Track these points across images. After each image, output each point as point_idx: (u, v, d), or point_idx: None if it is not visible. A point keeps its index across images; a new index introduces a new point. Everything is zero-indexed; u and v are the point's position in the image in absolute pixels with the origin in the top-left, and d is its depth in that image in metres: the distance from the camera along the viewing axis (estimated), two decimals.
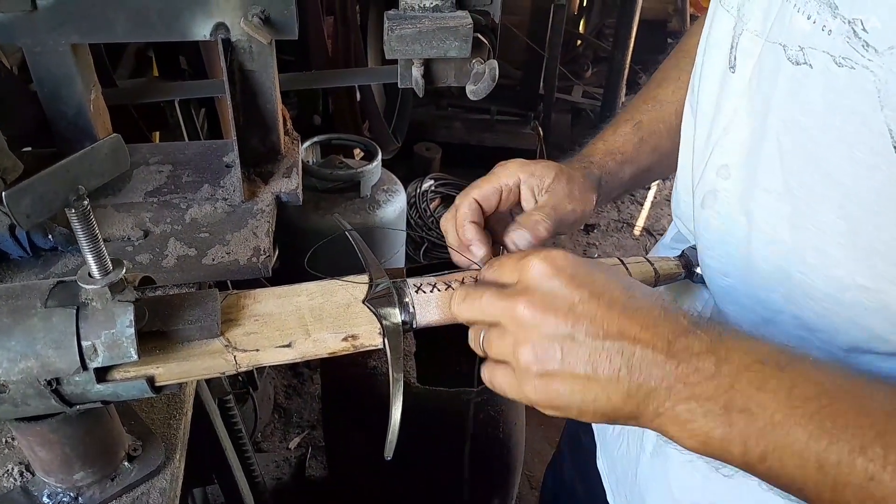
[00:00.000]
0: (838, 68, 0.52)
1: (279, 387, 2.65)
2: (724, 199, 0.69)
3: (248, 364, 0.65)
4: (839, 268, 0.59)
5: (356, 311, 0.68)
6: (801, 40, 0.56)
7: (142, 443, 0.82)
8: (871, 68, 0.50)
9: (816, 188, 0.58)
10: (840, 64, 0.52)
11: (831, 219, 0.58)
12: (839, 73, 0.52)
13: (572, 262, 0.56)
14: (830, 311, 0.62)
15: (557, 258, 0.56)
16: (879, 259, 0.56)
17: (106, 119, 1.32)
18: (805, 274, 0.62)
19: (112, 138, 0.60)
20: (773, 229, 0.63)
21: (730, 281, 0.72)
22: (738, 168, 0.66)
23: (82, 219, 0.58)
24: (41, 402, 0.62)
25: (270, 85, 1.22)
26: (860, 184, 0.54)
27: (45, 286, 0.62)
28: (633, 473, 0.90)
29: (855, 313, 0.60)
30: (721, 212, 0.69)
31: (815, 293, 0.62)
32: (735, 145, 0.66)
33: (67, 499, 0.76)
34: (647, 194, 3.96)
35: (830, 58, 0.53)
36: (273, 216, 1.21)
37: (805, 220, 0.60)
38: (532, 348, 0.53)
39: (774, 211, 0.63)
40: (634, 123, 0.91)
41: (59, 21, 1.11)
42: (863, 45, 0.50)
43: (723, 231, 0.70)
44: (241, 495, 1.53)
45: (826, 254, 0.59)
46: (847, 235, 0.57)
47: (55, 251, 1.09)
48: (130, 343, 0.59)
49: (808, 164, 0.58)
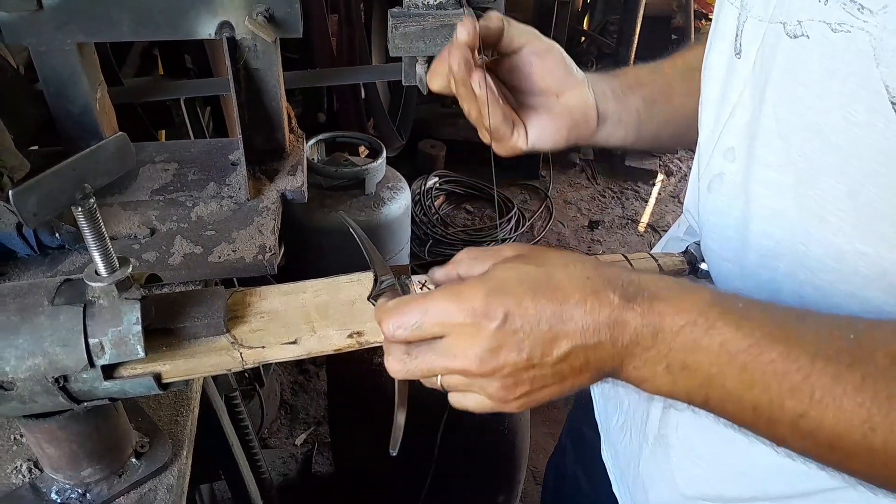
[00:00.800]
0: (834, 34, 0.53)
1: (285, 383, 2.66)
2: (729, 181, 0.69)
3: (254, 361, 0.65)
4: (839, 234, 0.59)
5: (361, 308, 0.69)
6: (799, 14, 0.57)
7: (149, 439, 0.82)
8: (867, 29, 0.51)
9: (816, 155, 0.59)
10: (836, 30, 0.53)
11: (831, 184, 0.58)
12: (835, 38, 0.53)
13: (485, 296, 0.55)
14: (830, 284, 0.62)
15: (470, 296, 0.55)
16: (881, 221, 0.56)
17: (112, 118, 1.32)
18: (806, 245, 0.62)
19: (118, 137, 0.60)
20: (775, 203, 0.64)
21: (729, 265, 0.72)
22: (741, 149, 0.67)
23: (89, 217, 0.58)
24: (49, 400, 0.62)
25: (275, 83, 1.22)
26: (859, 145, 0.55)
27: (53, 284, 0.63)
28: (636, 465, 0.90)
29: (854, 285, 0.60)
30: (725, 194, 0.70)
31: (814, 264, 0.62)
32: (739, 128, 0.67)
33: (76, 495, 0.77)
34: (652, 191, 3.96)
35: (827, 26, 0.54)
36: (278, 214, 1.21)
37: (807, 189, 0.60)
38: (501, 389, 0.57)
39: (777, 184, 0.63)
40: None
41: (65, 20, 1.12)
42: (858, 9, 0.51)
43: (724, 213, 0.71)
44: (247, 491, 1.54)
45: (826, 221, 0.60)
46: (847, 200, 0.58)
47: (62, 249, 1.09)
48: (137, 340, 0.60)
49: (806, 132, 0.59)
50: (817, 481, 0.69)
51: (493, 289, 0.55)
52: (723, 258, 0.73)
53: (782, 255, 0.65)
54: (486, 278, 0.56)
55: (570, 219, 3.79)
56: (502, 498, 1.89)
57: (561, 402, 2.58)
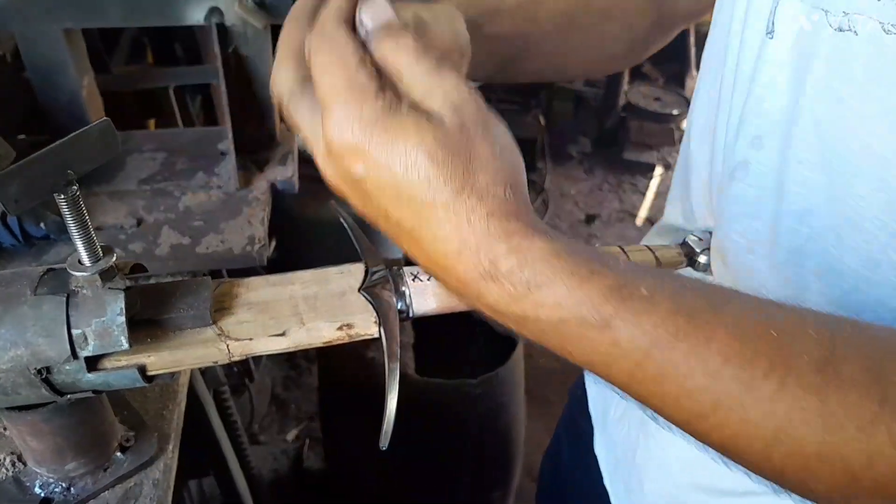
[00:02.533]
0: (886, 35, 0.50)
1: (276, 378, 2.64)
2: (756, 170, 0.66)
3: (241, 353, 0.64)
4: (873, 243, 0.57)
5: (351, 300, 0.67)
6: (846, 5, 0.53)
7: (135, 433, 0.81)
8: None
9: (854, 160, 0.56)
10: (888, 31, 0.50)
11: (869, 191, 0.55)
12: (887, 40, 0.50)
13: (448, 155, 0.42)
14: (859, 289, 0.59)
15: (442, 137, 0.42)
16: None
17: (100, 106, 1.31)
18: (837, 247, 0.60)
19: (101, 122, 0.59)
20: (807, 201, 0.61)
21: (753, 257, 0.69)
22: (771, 138, 0.64)
23: (72, 204, 0.57)
24: (32, 392, 0.61)
25: (266, 71, 1.21)
26: None
27: (35, 273, 0.61)
28: (633, 456, 0.90)
29: (884, 292, 0.58)
30: (753, 184, 0.66)
31: (845, 268, 0.60)
32: (770, 115, 0.63)
33: (60, 489, 0.75)
34: (650, 184, 3.95)
35: (879, 24, 0.50)
36: (268, 204, 1.20)
37: (841, 192, 0.58)
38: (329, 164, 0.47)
39: (809, 183, 0.60)
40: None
41: (52, 6, 1.10)
42: None
43: (753, 203, 0.67)
44: (236, 487, 1.53)
45: (860, 227, 0.57)
46: (885, 209, 0.55)
47: (48, 239, 1.08)
48: (121, 331, 0.58)
49: (846, 134, 0.56)
50: None
51: (390, 160, 0.42)
52: (749, 251, 0.69)
53: (811, 255, 0.62)
54: (404, 135, 0.42)
55: (566, 212, 3.78)
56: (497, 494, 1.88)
57: (557, 398, 2.58)
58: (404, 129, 0.42)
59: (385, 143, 0.42)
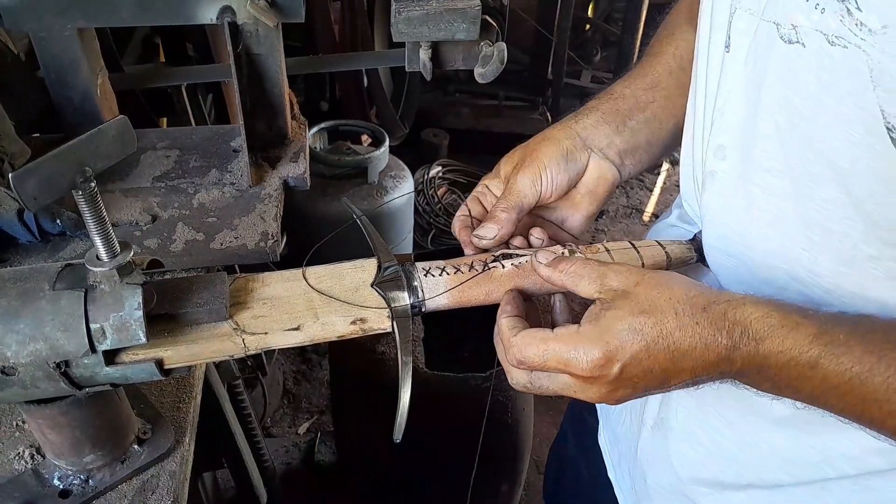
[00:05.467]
0: (831, 47, 0.52)
1: (288, 372, 2.66)
2: (721, 179, 0.68)
3: (256, 347, 0.65)
4: (845, 240, 0.59)
5: (365, 295, 0.68)
6: (794, 18, 0.55)
7: (151, 426, 0.82)
8: (864, 48, 0.49)
9: (814, 168, 0.58)
10: (833, 43, 0.52)
11: (834, 195, 0.57)
12: (832, 52, 0.52)
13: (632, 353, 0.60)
14: (838, 286, 0.61)
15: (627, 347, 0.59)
16: (890, 232, 0.56)
17: (113, 104, 1.32)
18: (808, 250, 0.62)
19: (118, 120, 0.59)
20: (775, 208, 0.63)
21: (733, 261, 0.71)
22: (734, 148, 0.66)
23: (89, 200, 0.58)
24: (50, 385, 0.62)
25: (277, 69, 1.21)
26: (858, 165, 0.54)
27: (54, 269, 0.62)
28: (634, 449, 0.90)
29: (863, 285, 0.60)
30: (720, 192, 0.69)
31: (821, 269, 0.62)
32: (730, 126, 0.66)
33: (78, 481, 0.77)
34: (657, 180, 3.94)
35: (823, 36, 0.52)
36: (281, 201, 1.20)
37: (808, 197, 0.59)
38: (603, 396, 0.63)
39: (776, 189, 0.62)
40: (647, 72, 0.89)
41: (66, 5, 1.11)
42: (856, 24, 0.49)
43: (723, 211, 0.70)
44: (250, 479, 1.54)
45: (830, 230, 0.59)
46: (851, 209, 0.57)
47: (64, 236, 1.09)
48: (139, 325, 0.59)
49: (804, 143, 0.58)
50: (813, 472, 0.69)
51: (609, 345, 0.59)
52: (726, 254, 0.72)
53: (785, 258, 0.64)
54: (600, 331, 0.60)
55: None
56: (505, 487, 1.89)
57: None
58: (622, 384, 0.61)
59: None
